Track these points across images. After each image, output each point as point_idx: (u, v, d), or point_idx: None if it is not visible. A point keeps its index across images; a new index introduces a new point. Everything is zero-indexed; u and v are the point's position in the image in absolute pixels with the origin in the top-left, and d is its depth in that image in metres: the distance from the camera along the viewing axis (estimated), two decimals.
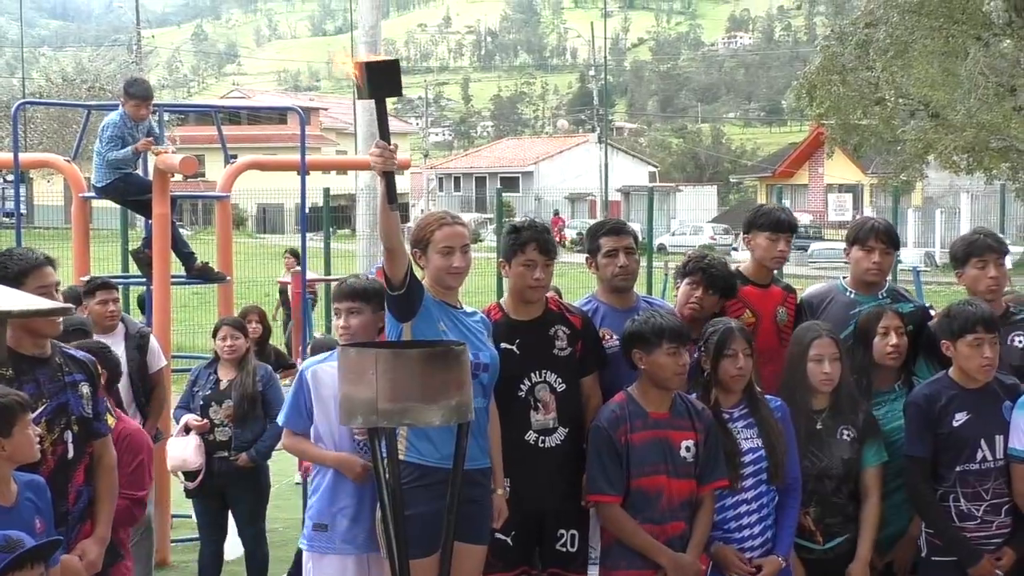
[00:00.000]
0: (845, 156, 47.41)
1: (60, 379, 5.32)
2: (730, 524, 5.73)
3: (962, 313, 5.74)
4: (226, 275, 10.37)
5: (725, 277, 6.22)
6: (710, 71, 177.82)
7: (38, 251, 5.62)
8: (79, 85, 50.00)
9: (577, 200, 68.55)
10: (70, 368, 5.40)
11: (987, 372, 5.72)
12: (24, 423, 4.81)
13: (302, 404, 5.83)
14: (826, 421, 5.88)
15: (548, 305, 5.98)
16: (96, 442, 5.48)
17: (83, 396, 5.38)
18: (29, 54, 78.89)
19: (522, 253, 5.82)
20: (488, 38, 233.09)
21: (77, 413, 5.34)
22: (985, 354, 5.67)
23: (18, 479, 4.89)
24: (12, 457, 4.80)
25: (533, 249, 5.81)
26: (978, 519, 5.71)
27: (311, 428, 5.83)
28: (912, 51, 26.32)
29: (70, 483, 5.35)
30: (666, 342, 5.53)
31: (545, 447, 5.82)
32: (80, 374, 5.42)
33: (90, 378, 5.46)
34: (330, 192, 21.92)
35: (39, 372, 5.26)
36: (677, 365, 5.56)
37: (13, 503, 4.82)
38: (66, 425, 5.30)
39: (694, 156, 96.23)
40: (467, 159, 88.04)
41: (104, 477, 5.53)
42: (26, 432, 4.82)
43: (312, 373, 5.84)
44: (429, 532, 5.23)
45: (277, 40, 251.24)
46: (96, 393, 5.48)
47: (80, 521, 5.42)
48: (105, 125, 9.85)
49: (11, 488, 4.83)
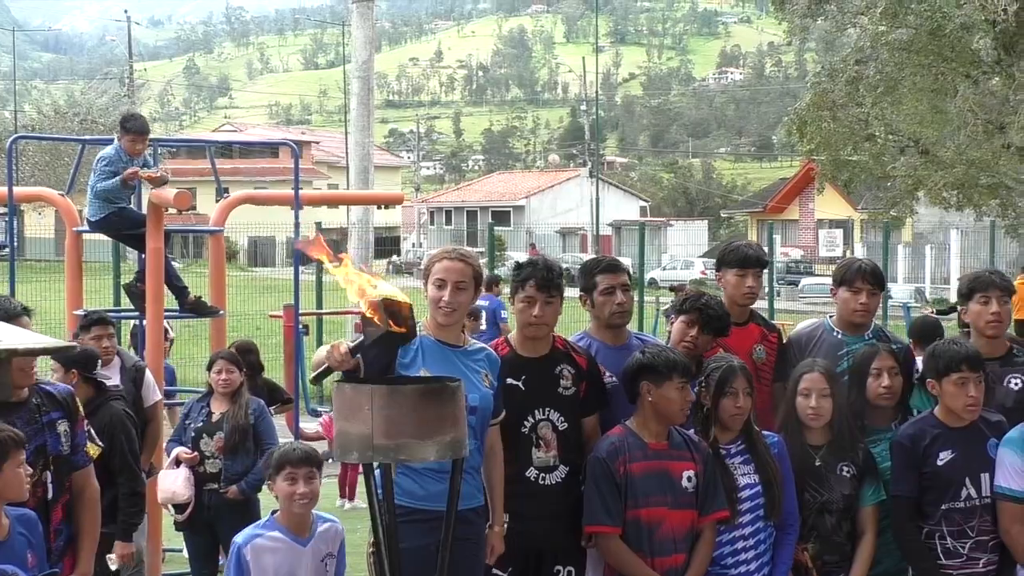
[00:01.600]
0: (835, 192, 47.52)
1: (38, 420, 5.33)
2: (727, 560, 5.73)
3: (947, 352, 5.77)
4: (219, 309, 10.37)
5: (721, 317, 6.25)
6: (700, 106, 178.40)
7: (16, 301, 5.65)
8: (71, 117, 50.14)
9: (568, 234, 68.64)
10: (47, 407, 5.40)
11: (972, 412, 5.73)
12: (16, 460, 4.81)
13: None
14: (825, 457, 5.90)
15: (555, 344, 5.99)
16: (76, 474, 5.48)
17: (60, 434, 5.39)
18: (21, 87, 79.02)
19: (522, 290, 5.85)
20: (479, 72, 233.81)
21: (55, 452, 5.34)
22: (970, 392, 5.69)
23: (9, 514, 4.88)
24: (1, 494, 4.80)
25: (531, 286, 5.83)
26: (964, 556, 5.72)
27: None
28: (902, 88, 26.43)
29: (50, 522, 5.35)
30: (676, 376, 5.58)
31: (545, 484, 5.83)
32: (57, 411, 5.43)
33: (67, 413, 5.46)
34: (322, 226, 21.94)
35: (16, 417, 5.25)
36: (684, 400, 5.61)
37: (5, 537, 4.82)
38: (44, 466, 5.30)
39: (685, 191, 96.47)
40: (458, 193, 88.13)
41: (86, 511, 5.52)
42: (17, 471, 4.81)
43: (252, 548, 5.67)
44: (417, 568, 5.23)
45: (269, 73, 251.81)
46: (75, 427, 5.49)
47: (61, 557, 5.41)
48: (100, 158, 9.87)
49: (2, 523, 4.83)
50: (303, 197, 11.45)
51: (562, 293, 5.92)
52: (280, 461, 5.76)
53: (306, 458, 5.73)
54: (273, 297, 23.24)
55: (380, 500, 4.67)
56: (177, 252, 43.95)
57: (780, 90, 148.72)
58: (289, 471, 5.68)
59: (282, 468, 5.71)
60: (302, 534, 5.73)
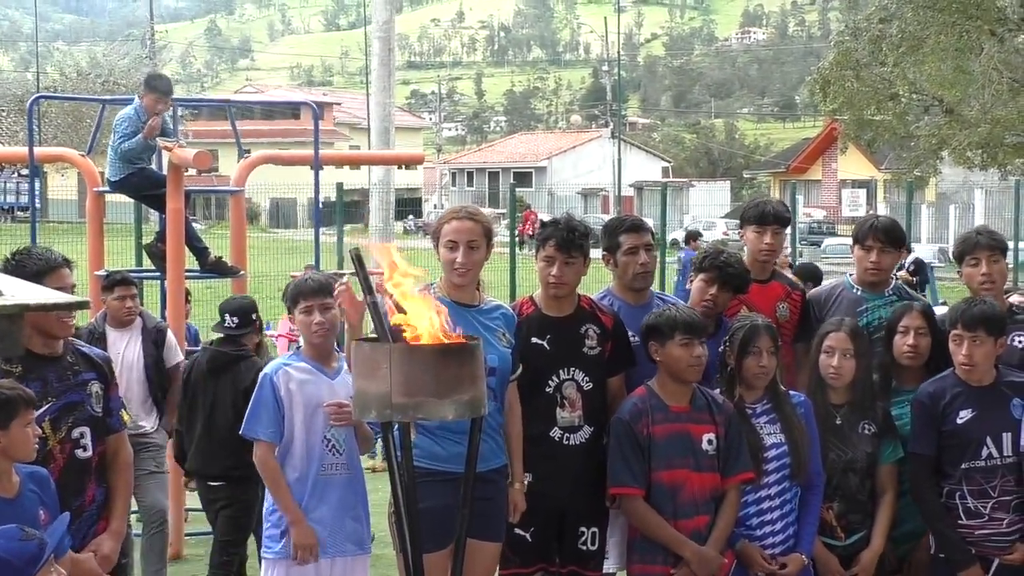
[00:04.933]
0: (859, 151, 47.30)
1: (69, 378, 5.34)
2: (752, 520, 5.73)
3: (955, 309, 5.76)
4: (240, 269, 10.37)
5: (740, 274, 6.21)
6: (723, 66, 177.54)
7: (56, 252, 5.64)
8: (93, 79, 50.18)
9: (590, 195, 68.49)
10: (81, 367, 5.41)
11: (964, 370, 5.67)
12: (24, 419, 4.79)
13: (273, 409, 5.71)
14: (846, 416, 5.88)
15: (580, 303, 5.96)
16: (109, 438, 5.50)
17: (93, 395, 5.40)
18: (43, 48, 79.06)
19: (543, 249, 5.83)
20: (501, 33, 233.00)
21: (87, 412, 5.36)
22: (962, 351, 5.65)
23: (20, 471, 4.88)
24: (6, 451, 4.80)
25: (552, 246, 5.80)
26: (985, 516, 5.68)
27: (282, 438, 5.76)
28: (926, 46, 26.26)
29: (86, 481, 5.37)
30: (679, 334, 5.55)
31: (569, 444, 5.83)
32: (91, 372, 5.44)
33: (102, 376, 5.48)
34: (343, 187, 21.88)
35: (48, 371, 5.28)
36: (690, 356, 5.57)
37: (15, 495, 4.82)
38: (74, 423, 5.31)
39: (707, 151, 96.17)
40: (480, 154, 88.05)
41: (120, 473, 5.54)
42: (24, 429, 4.80)
43: (281, 374, 5.75)
44: (439, 526, 5.23)
45: (290, 35, 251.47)
46: (108, 390, 5.50)
47: (96, 519, 5.44)
48: (119, 119, 9.86)
49: (12, 480, 4.83)
50: (324, 157, 11.42)
51: (586, 254, 5.87)
52: (295, 294, 5.80)
53: (320, 288, 5.75)
54: (295, 258, 23.23)
55: (399, 460, 4.66)
56: (199, 214, 44.05)
57: (803, 49, 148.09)
58: (304, 304, 5.74)
59: (297, 301, 5.77)
60: (328, 366, 5.78)
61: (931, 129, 27.76)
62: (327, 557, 5.76)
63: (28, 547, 3.95)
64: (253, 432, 5.79)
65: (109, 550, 5.40)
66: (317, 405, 5.73)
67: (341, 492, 5.81)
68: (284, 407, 5.73)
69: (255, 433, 5.78)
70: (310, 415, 5.74)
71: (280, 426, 5.74)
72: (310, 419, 5.75)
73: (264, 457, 5.78)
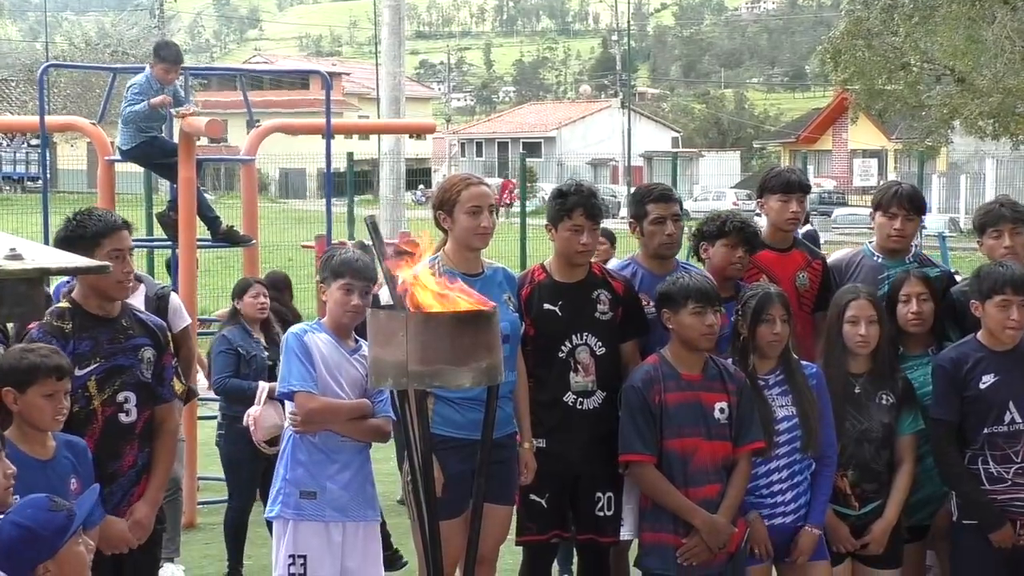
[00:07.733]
0: (869, 121, 47.15)
1: (121, 341, 5.36)
2: (762, 491, 5.74)
3: (991, 274, 5.70)
4: (251, 238, 10.36)
5: (756, 233, 6.29)
6: (733, 36, 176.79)
7: (117, 215, 5.65)
8: (102, 49, 50.10)
9: (599, 165, 68.35)
10: (136, 332, 5.43)
11: (1012, 335, 5.67)
12: (44, 388, 4.77)
13: (307, 364, 5.61)
14: (865, 385, 5.87)
15: (591, 269, 5.99)
16: (159, 407, 5.50)
17: (144, 360, 5.41)
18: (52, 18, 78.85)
19: (569, 218, 5.83)
20: (510, 2, 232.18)
21: (136, 377, 5.37)
22: (1012, 316, 5.62)
23: (57, 438, 4.91)
24: (21, 414, 4.79)
25: (580, 214, 5.81)
26: (1008, 481, 5.68)
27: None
28: (938, 15, 26.15)
29: (125, 446, 5.37)
30: (691, 302, 5.54)
31: (583, 409, 5.85)
32: (145, 338, 5.46)
33: (156, 344, 5.49)
34: (353, 156, 21.85)
35: (100, 331, 5.32)
36: (703, 325, 5.56)
37: (51, 457, 4.84)
38: (120, 387, 5.33)
39: (717, 121, 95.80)
40: (489, 124, 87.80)
41: (164, 443, 5.53)
42: (43, 398, 4.78)
43: (308, 336, 5.69)
44: (454, 493, 5.25)
45: (299, 5, 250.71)
46: (162, 358, 5.51)
47: (134, 485, 5.44)
48: (130, 86, 9.86)
49: (48, 444, 4.86)
50: (335, 126, 11.39)
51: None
52: (340, 268, 5.67)
53: (368, 272, 5.69)
54: (305, 228, 23.17)
55: (415, 428, 4.66)
56: (209, 184, 44.00)
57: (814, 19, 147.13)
58: (347, 282, 5.63)
59: (341, 275, 5.65)
60: (347, 343, 5.77)
61: (943, 99, 27.65)
62: (352, 521, 5.74)
63: (56, 518, 3.89)
64: (298, 385, 5.58)
65: (141, 515, 5.41)
66: (339, 372, 5.71)
67: (360, 458, 5.81)
68: (316, 364, 5.66)
69: (299, 386, 5.58)
70: (333, 381, 5.72)
71: (314, 376, 5.61)
72: (333, 384, 5.72)
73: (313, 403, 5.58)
